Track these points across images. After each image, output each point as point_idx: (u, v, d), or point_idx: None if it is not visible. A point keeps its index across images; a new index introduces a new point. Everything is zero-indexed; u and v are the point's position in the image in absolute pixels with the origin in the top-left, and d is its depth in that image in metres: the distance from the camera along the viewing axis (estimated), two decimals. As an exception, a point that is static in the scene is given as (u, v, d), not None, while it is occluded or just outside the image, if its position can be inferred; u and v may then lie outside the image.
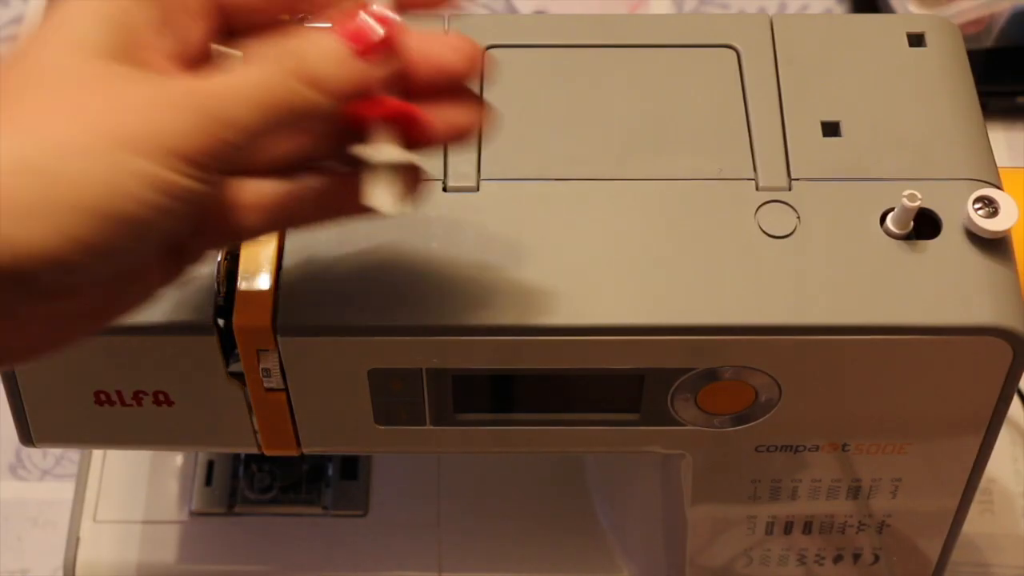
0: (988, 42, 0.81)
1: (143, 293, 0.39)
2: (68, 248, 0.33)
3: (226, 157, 0.36)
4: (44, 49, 0.35)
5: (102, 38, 0.36)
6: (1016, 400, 0.53)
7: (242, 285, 0.47)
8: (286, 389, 0.49)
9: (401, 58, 0.39)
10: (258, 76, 0.36)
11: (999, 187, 0.48)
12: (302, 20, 0.40)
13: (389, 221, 0.42)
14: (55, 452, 0.71)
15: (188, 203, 0.35)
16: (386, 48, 0.38)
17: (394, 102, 0.39)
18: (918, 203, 0.46)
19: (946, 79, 0.51)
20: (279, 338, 0.47)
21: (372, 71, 0.38)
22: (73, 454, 0.71)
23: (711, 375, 0.48)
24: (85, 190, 0.33)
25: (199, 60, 0.39)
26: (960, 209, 0.47)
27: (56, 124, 0.34)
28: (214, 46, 0.39)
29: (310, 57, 0.37)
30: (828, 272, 0.47)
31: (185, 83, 0.36)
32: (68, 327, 0.37)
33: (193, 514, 0.66)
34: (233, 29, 0.39)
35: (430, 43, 0.39)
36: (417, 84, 0.39)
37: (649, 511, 0.61)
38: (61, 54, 0.35)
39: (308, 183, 0.40)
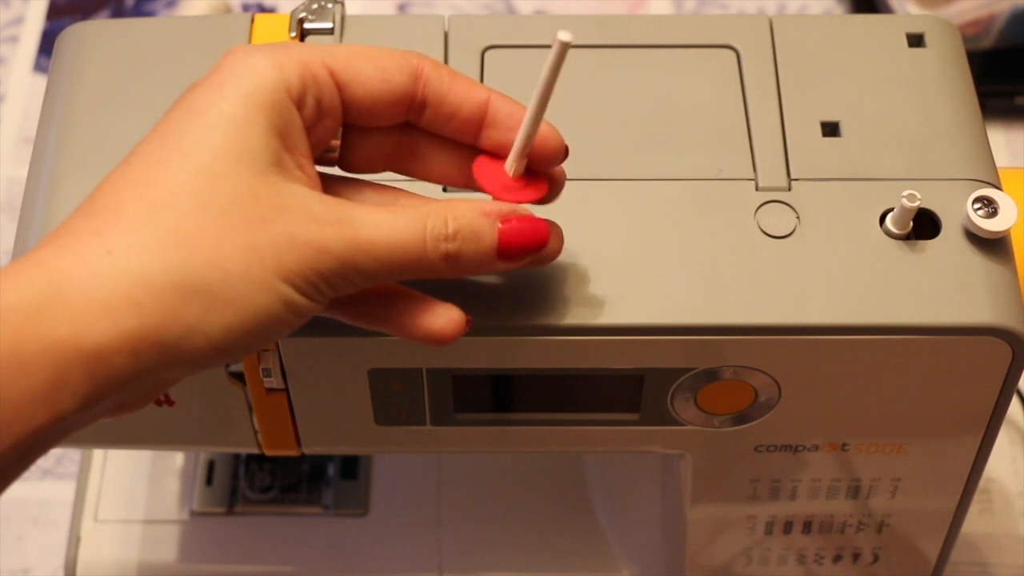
0: (987, 43, 0.81)
1: None
2: (209, 353, 0.37)
3: (349, 290, 0.40)
4: (214, 156, 0.38)
5: (265, 149, 0.38)
6: (1015, 400, 0.54)
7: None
8: (286, 389, 0.49)
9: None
10: (408, 240, 0.39)
11: (998, 187, 0.49)
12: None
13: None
14: (56, 451, 0.71)
15: (307, 318, 0.39)
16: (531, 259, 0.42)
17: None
18: (917, 203, 0.46)
19: (945, 79, 0.51)
20: (280, 338, 0.47)
21: (505, 266, 0.42)
22: (74, 454, 0.71)
23: (711, 375, 0.48)
24: (239, 312, 0.37)
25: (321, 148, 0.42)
26: (959, 209, 0.47)
27: (225, 250, 0.37)
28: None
29: (464, 242, 0.40)
30: (828, 272, 0.47)
31: (338, 219, 0.39)
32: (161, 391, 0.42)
33: (194, 514, 0.66)
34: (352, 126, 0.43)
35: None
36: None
37: (649, 511, 0.61)
38: (230, 168, 0.38)
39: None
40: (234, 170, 0.38)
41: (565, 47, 0.39)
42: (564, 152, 0.43)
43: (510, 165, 0.42)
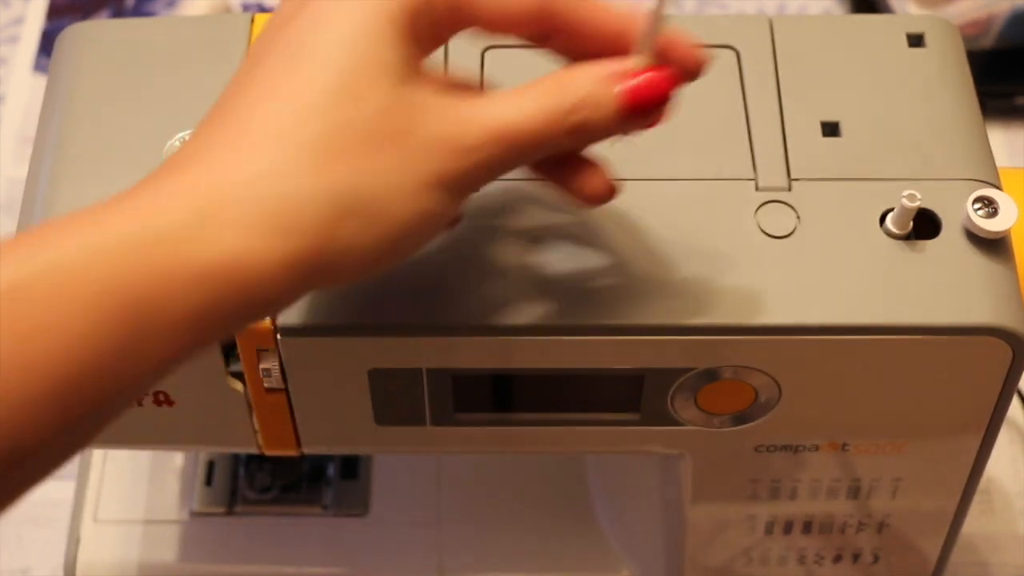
0: (987, 43, 0.81)
1: None
2: (363, 268, 0.38)
3: (488, 181, 0.40)
4: (353, 69, 0.37)
5: (399, 59, 0.38)
6: (1015, 400, 0.54)
7: (243, 285, 0.47)
8: (286, 389, 0.49)
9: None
10: (536, 122, 0.39)
11: (998, 187, 0.49)
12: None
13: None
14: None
15: (452, 217, 0.40)
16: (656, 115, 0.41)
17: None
18: (918, 203, 0.46)
19: (945, 80, 0.51)
20: (279, 338, 0.47)
21: (631, 126, 0.41)
22: (73, 454, 0.71)
23: (711, 375, 0.48)
24: (392, 224, 0.37)
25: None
26: (959, 209, 0.47)
27: (376, 165, 0.37)
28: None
29: (586, 111, 0.39)
30: (828, 272, 0.47)
31: (471, 116, 0.39)
32: None
33: (193, 514, 0.66)
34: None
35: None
36: None
37: (649, 511, 0.61)
38: (370, 82, 0.37)
39: None
40: (374, 83, 0.37)
41: None
42: (698, 64, 0.42)
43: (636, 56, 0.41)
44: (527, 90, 0.39)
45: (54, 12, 0.89)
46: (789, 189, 0.48)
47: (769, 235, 0.47)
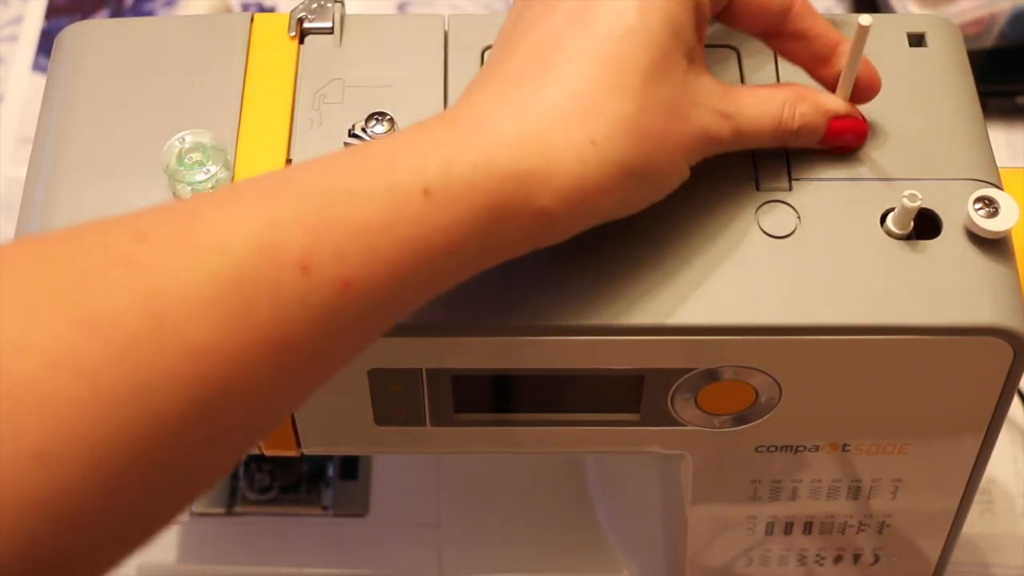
0: (988, 42, 0.81)
1: None
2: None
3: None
4: (664, 55, 0.43)
5: (693, 45, 0.44)
6: (1016, 400, 0.53)
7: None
8: (286, 389, 0.49)
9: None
10: (767, 129, 0.47)
11: (999, 187, 0.48)
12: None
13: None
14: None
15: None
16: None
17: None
18: (918, 203, 0.46)
19: (946, 79, 0.51)
20: (279, 338, 0.47)
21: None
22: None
23: (711, 375, 0.48)
24: (657, 190, 0.45)
25: None
26: (960, 209, 0.47)
27: (665, 144, 0.43)
28: None
29: (802, 134, 0.47)
30: (828, 272, 0.47)
31: (729, 113, 0.45)
32: None
33: (193, 514, 0.66)
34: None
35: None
36: None
37: (649, 511, 0.61)
38: (674, 67, 0.43)
39: None
40: (675, 68, 0.43)
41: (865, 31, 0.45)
42: (878, 85, 0.48)
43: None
44: (769, 100, 0.47)
45: (53, 12, 0.89)
46: (789, 189, 0.48)
47: (769, 235, 0.47)
